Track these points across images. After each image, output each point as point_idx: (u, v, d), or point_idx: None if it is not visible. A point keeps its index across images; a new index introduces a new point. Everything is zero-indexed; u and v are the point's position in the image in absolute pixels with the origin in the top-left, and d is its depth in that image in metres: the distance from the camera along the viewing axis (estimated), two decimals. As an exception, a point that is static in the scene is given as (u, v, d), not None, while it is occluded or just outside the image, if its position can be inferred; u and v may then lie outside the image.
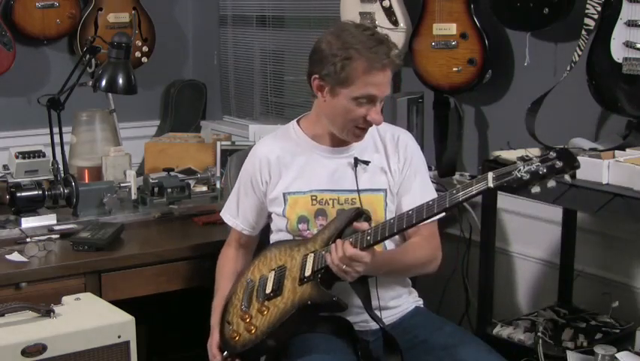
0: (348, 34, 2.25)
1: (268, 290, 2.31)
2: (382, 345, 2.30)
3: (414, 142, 2.47)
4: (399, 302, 2.42)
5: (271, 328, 2.25)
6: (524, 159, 1.97)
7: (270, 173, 2.42)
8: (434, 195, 2.41)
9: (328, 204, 2.36)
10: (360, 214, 2.25)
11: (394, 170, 2.40)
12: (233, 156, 2.78)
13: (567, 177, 1.99)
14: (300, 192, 2.38)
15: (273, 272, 2.34)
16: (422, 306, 2.50)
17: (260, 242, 2.57)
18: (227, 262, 2.54)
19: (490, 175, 2.00)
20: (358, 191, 2.33)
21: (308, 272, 2.24)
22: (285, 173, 2.41)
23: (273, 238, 2.47)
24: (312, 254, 2.27)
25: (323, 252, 2.23)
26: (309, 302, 2.21)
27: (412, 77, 3.27)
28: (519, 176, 1.96)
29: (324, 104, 2.33)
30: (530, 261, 3.06)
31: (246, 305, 2.34)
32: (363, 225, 2.20)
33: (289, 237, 2.42)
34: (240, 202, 2.50)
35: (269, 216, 2.48)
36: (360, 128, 2.32)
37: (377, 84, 2.25)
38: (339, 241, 2.18)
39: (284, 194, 2.40)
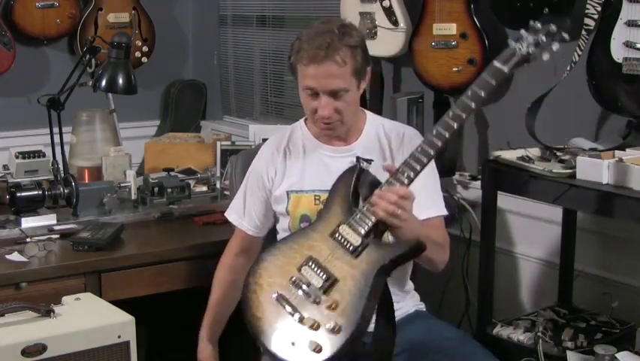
0: (309, 27, 2.26)
1: (319, 285, 2.06)
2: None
3: (420, 138, 2.39)
4: (398, 306, 2.40)
5: (358, 310, 2.00)
6: (516, 39, 2.01)
7: (276, 170, 2.41)
8: (438, 191, 2.37)
9: None
10: (361, 167, 2.19)
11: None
12: (239, 156, 2.77)
13: (565, 36, 2.01)
14: (302, 190, 2.38)
15: (306, 268, 2.10)
16: (424, 310, 2.48)
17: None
18: (223, 272, 2.50)
19: (496, 62, 2.00)
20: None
21: (357, 241, 2.07)
22: (290, 171, 2.40)
23: (280, 238, 2.44)
24: (345, 225, 2.11)
25: (359, 214, 2.09)
26: (387, 261, 2.04)
27: (412, 77, 3.28)
28: (524, 52, 1.98)
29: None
30: (530, 261, 3.06)
31: (304, 316, 2.04)
32: (392, 166, 2.11)
33: None
34: (246, 201, 2.47)
35: (274, 216, 2.47)
36: (322, 122, 2.29)
37: (312, 76, 2.21)
38: (377, 190, 2.06)
39: (287, 192, 2.39)
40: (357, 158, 2.32)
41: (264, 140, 3.17)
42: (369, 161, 2.32)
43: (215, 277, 2.51)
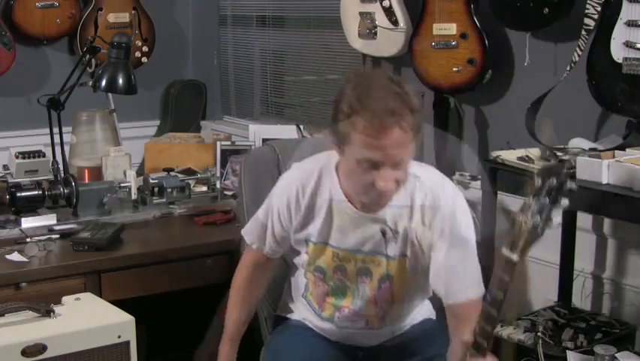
0: (365, 84, 1.96)
1: None
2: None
3: (460, 203, 2.13)
4: (408, 320, 2.35)
5: None
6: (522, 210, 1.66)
7: (301, 213, 2.20)
8: (476, 279, 2.11)
9: (350, 262, 2.19)
10: None
11: (428, 234, 2.11)
12: (245, 159, 2.67)
13: (573, 185, 1.67)
14: (323, 243, 2.20)
15: None
16: (432, 318, 2.39)
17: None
18: (239, 288, 2.37)
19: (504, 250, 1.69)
20: (387, 257, 2.15)
21: None
22: (314, 219, 2.19)
23: (297, 261, 2.31)
24: None
25: None
26: None
27: (412, 77, 3.27)
28: (530, 226, 1.62)
29: (340, 161, 2.08)
30: (530, 261, 3.06)
31: None
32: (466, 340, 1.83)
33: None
34: (268, 228, 2.28)
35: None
36: (377, 195, 2.03)
37: (377, 147, 1.92)
38: None
39: (306, 240, 2.22)
40: (383, 231, 2.13)
41: (264, 140, 3.18)
42: (396, 232, 2.15)
43: (233, 294, 2.37)
